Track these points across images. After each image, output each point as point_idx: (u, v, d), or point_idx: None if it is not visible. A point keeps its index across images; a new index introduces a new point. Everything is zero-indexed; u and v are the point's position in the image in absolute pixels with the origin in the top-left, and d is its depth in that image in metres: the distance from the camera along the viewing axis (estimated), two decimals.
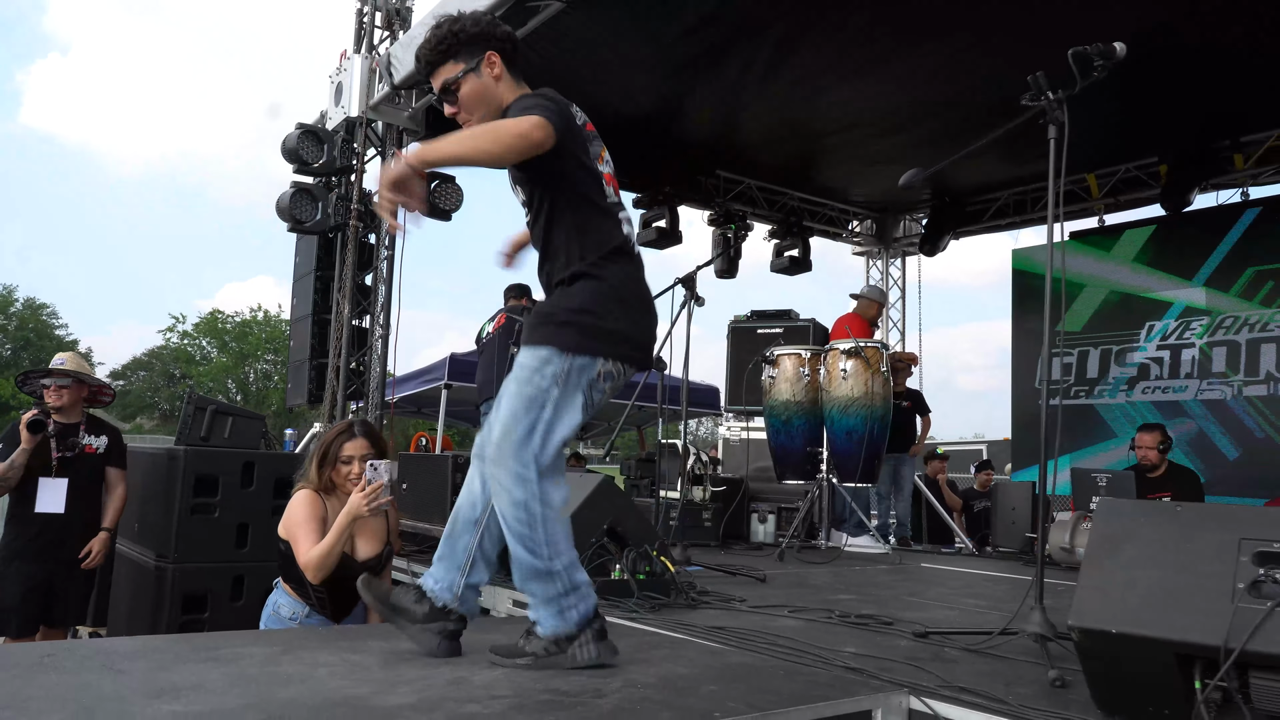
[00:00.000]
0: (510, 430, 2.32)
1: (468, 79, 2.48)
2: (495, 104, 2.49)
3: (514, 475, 2.29)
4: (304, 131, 7.29)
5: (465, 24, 2.49)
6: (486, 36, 2.50)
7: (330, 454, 3.32)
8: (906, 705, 2.21)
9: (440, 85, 2.51)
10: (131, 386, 57.82)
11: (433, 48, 2.49)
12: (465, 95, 2.49)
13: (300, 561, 3.16)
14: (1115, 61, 2.88)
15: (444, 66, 2.49)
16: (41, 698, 1.90)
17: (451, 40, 2.47)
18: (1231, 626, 1.80)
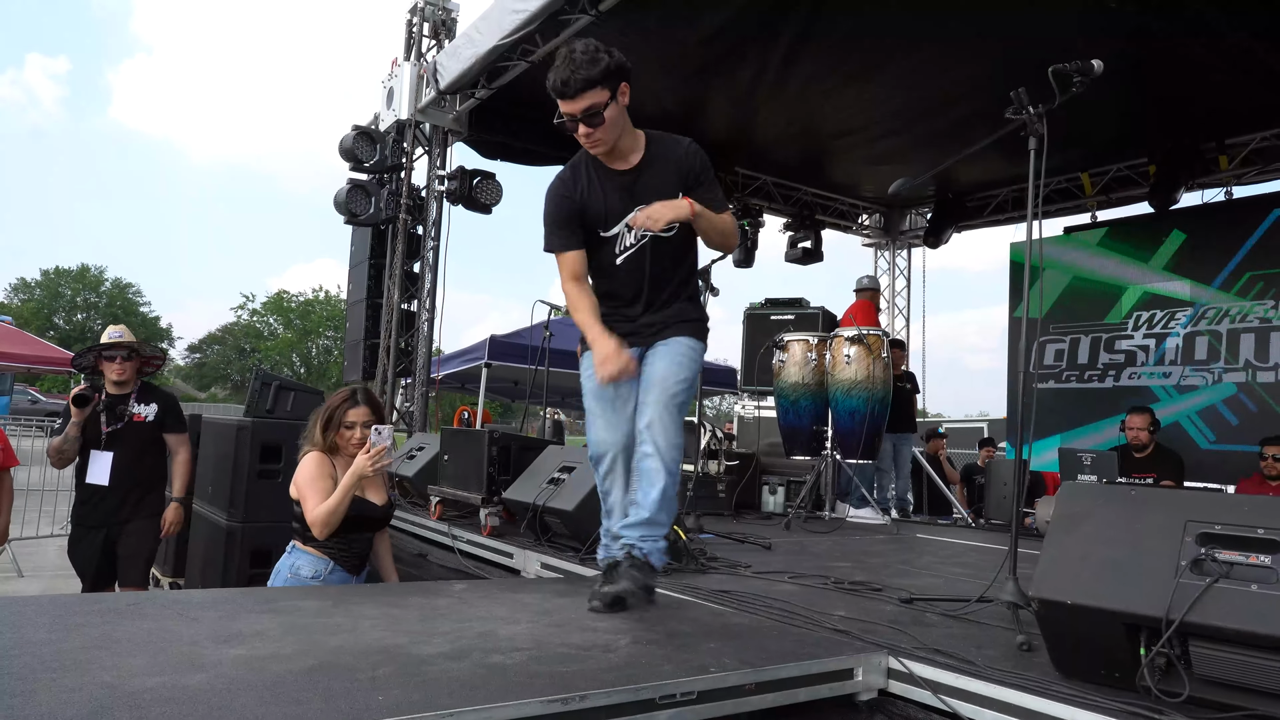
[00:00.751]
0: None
1: (611, 106, 2.56)
2: (621, 130, 2.65)
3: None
4: (359, 133, 7.39)
5: (610, 55, 2.56)
6: (623, 69, 2.59)
7: (334, 419, 3.30)
8: (885, 664, 2.28)
9: (585, 109, 2.54)
10: (206, 359, 58.84)
11: (585, 74, 2.51)
12: (609, 119, 2.57)
13: (309, 517, 3.14)
14: (1093, 77, 2.88)
15: (591, 92, 2.52)
16: (127, 640, 2.02)
17: (603, 69, 2.52)
18: (1173, 600, 1.84)
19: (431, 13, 7.67)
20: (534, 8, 5.69)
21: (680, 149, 2.70)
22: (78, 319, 56.28)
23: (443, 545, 4.53)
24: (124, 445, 4.50)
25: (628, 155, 2.69)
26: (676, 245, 2.77)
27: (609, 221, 2.74)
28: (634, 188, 2.69)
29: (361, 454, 3.15)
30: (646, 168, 2.69)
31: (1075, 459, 5.79)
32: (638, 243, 2.73)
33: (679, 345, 2.73)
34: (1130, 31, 5.69)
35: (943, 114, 7.20)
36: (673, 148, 2.71)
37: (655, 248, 2.74)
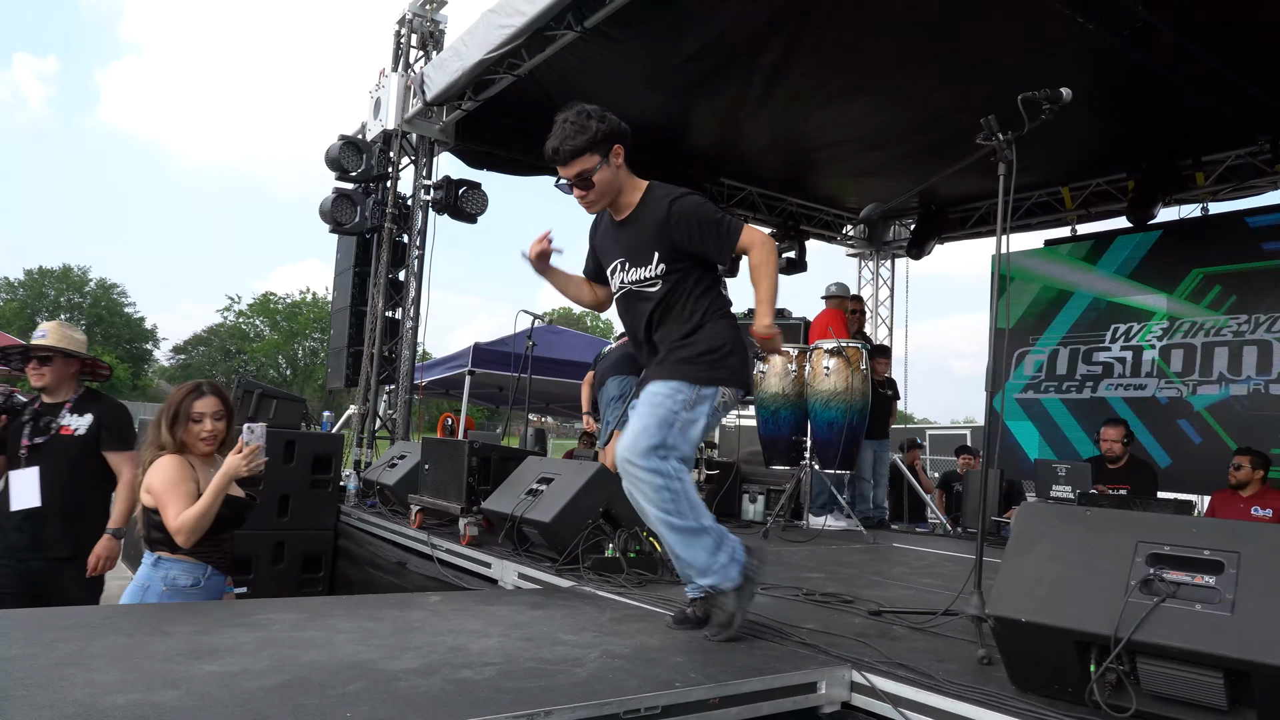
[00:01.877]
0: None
1: (601, 170, 2.69)
2: (617, 189, 2.76)
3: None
4: (345, 142, 7.42)
5: (601, 121, 2.67)
6: (615, 132, 2.70)
7: (182, 413, 3.08)
8: (849, 678, 2.33)
9: (576, 175, 2.69)
10: (192, 360, 58.46)
11: (573, 143, 2.64)
12: (599, 184, 2.70)
13: (173, 526, 2.90)
14: (1062, 105, 2.94)
15: (581, 159, 2.67)
16: (101, 656, 2.05)
17: (591, 136, 2.64)
18: (1122, 618, 1.90)
19: (419, 25, 7.70)
20: (520, 23, 5.73)
21: (663, 211, 2.71)
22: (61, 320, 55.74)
23: (422, 554, 4.55)
24: (47, 463, 3.71)
25: (625, 209, 2.81)
26: (661, 296, 2.77)
27: (604, 263, 2.92)
28: (623, 238, 2.83)
29: (234, 454, 2.99)
30: (633, 223, 2.80)
31: (1050, 470, 5.87)
32: (621, 288, 2.86)
33: (647, 393, 2.69)
34: (1107, 58, 5.79)
35: (924, 131, 7.30)
36: (658, 207, 2.73)
37: (630, 297, 2.84)
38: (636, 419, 2.64)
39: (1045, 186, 8.99)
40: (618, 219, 2.84)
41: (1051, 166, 8.37)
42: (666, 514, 2.55)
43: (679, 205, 2.70)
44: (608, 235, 2.90)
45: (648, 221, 2.74)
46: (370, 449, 7.66)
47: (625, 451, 2.58)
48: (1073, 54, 5.80)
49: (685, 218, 2.69)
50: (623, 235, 2.82)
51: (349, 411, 7.88)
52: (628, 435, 2.61)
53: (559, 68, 6.38)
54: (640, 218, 2.77)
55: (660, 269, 2.73)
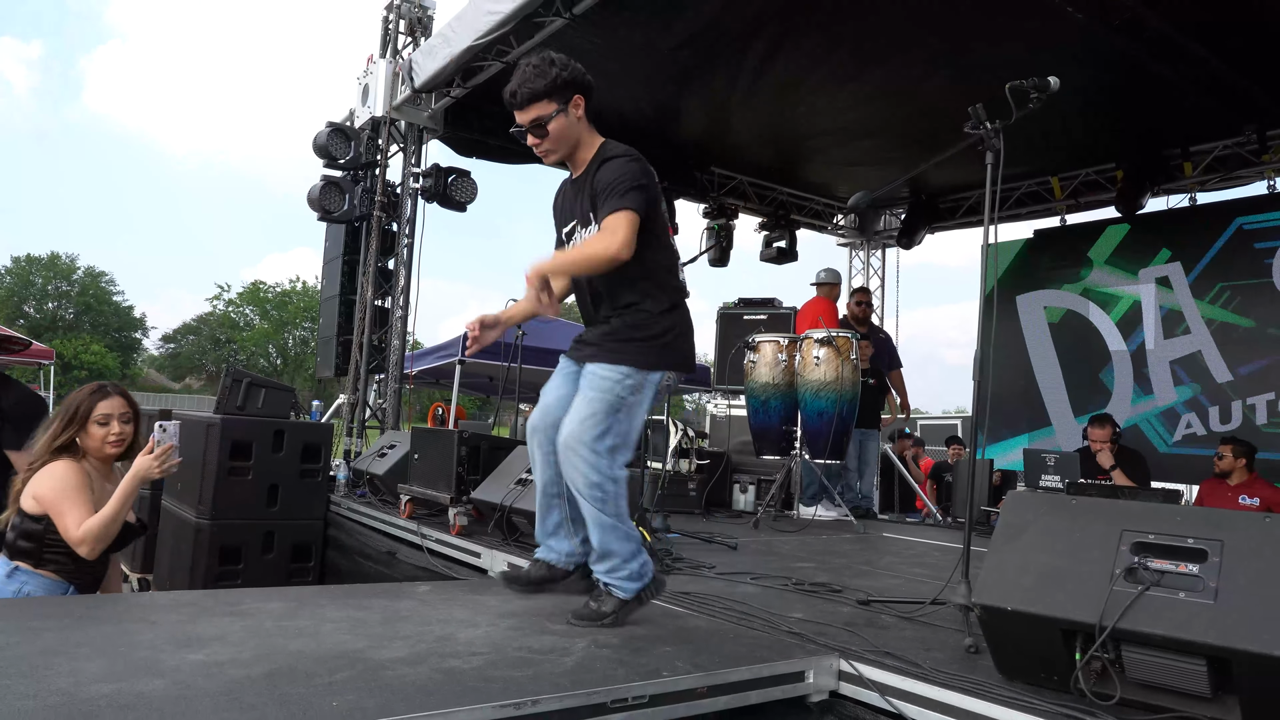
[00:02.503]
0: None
1: (558, 118, 2.60)
2: (574, 141, 2.68)
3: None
4: (333, 130, 7.37)
5: (563, 68, 2.60)
6: (577, 81, 2.62)
7: (80, 414, 2.88)
8: (836, 667, 2.34)
9: (531, 120, 2.60)
10: (181, 349, 58.18)
11: (531, 86, 2.57)
12: (554, 131, 2.61)
13: (75, 535, 2.73)
14: (1050, 94, 2.94)
15: (538, 104, 2.58)
16: (86, 644, 2.04)
17: (550, 81, 2.57)
18: (1107, 607, 1.91)
19: (408, 10, 7.64)
20: (508, 9, 5.69)
21: (601, 170, 2.61)
22: (49, 308, 55.42)
23: (412, 544, 4.55)
24: None
25: (579, 165, 2.74)
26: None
27: (559, 227, 2.86)
28: (573, 199, 2.77)
29: (144, 454, 2.83)
30: (583, 183, 2.71)
31: (1039, 460, 5.90)
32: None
33: (591, 376, 2.63)
34: (1096, 48, 5.79)
35: (914, 121, 7.29)
36: (600, 166, 2.64)
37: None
38: (583, 402, 2.60)
39: (1035, 176, 9.00)
40: (574, 176, 2.77)
41: (1041, 156, 8.37)
42: (598, 507, 2.57)
43: (605, 169, 2.60)
44: (564, 198, 2.83)
45: (594, 179, 2.65)
46: (360, 438, 7.64)
47: (570, 438, 2.56)
48: (1062, 44, 5.79)
49: (608, 177, 2.58)
50: (576, 194, 2.75)
51: (339, 401, 7.85)
52: (574, 418, 2.58)
53: None
54: (589, 175, 2.68)
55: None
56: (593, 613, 2.56)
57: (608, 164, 2.62)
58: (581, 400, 2.60)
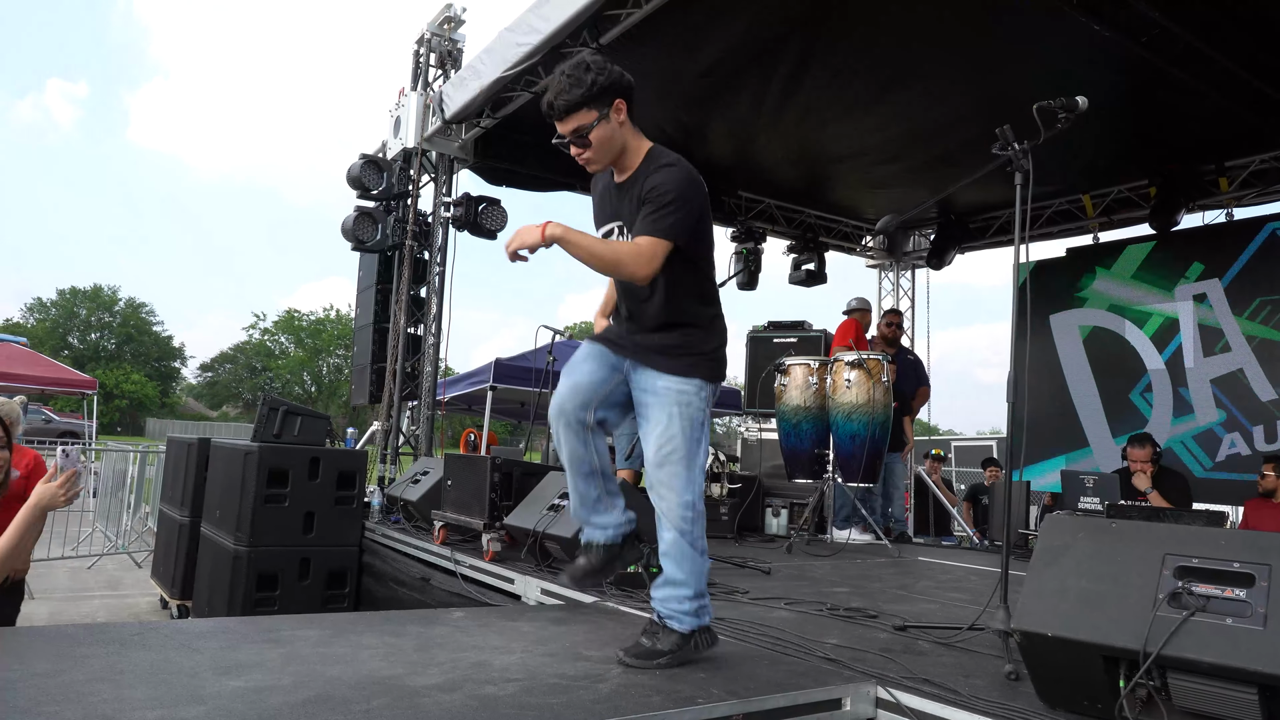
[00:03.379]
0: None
1: (600, 126, 2.48)
2: (619, 148, 2.54)
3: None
4: (366, 161, 7.51)
5: (600, 73, 2.46)
6: (616, 85, 2.49)
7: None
8: (873, 694, 2.30)
9: (573, 130, 2.48)
10: (218, 378, 59.24)
11: (568, 97, 2.45)
12: (597, 140, 2.49)
13: None
14: (1078, 114, 2.93)
15: (579, 113, 2.46)
16: (129, 671, 2.07)
17: (589, 89, 2.44)
18: (1150, 632, 1.87)
19: (438, 44, 7.80)
20: (537, 41, 5.79)
21: (650, 177, 2.51)
22: (91, 338, 56.78)
23: (446, 570, 4.57)
24: None
25: (626, 169, 2.62)
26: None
27: (598, 223, 2.76)
28: (617, 203, 2.67)
29: (45, 481, 2.61)
30: (630, 187, 2.61)
31: (1077, 481, 5.80)
32: None
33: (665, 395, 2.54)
34: (1124, 64, 5.75)
35: (940, 141, 7.27)
36: (649, 173, 2.53)
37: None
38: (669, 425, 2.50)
39: (1066, 194, 8.92)
40: (619, 179, 2.62)
41: (1071, 174, 8.31)
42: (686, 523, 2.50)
43: (656, 176, 2.50)
44: (606, 197, 2.72)
45: (642, 185, 2.52)
46: (394, 465, 7.71)
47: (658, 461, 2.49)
48: (1089, 60, 5.76)
49: (654, 188, 2.48)
50: (620, 198, 2.64)
51: (373, 428, 7.94)
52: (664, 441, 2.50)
53: None
54: (637, 180, 2.57)
55: None
56: (648, 651, 2.43)
57: (658, 175, 2.49)
58: (657, 432, 2.53)
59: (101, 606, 7.24)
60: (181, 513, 6.52)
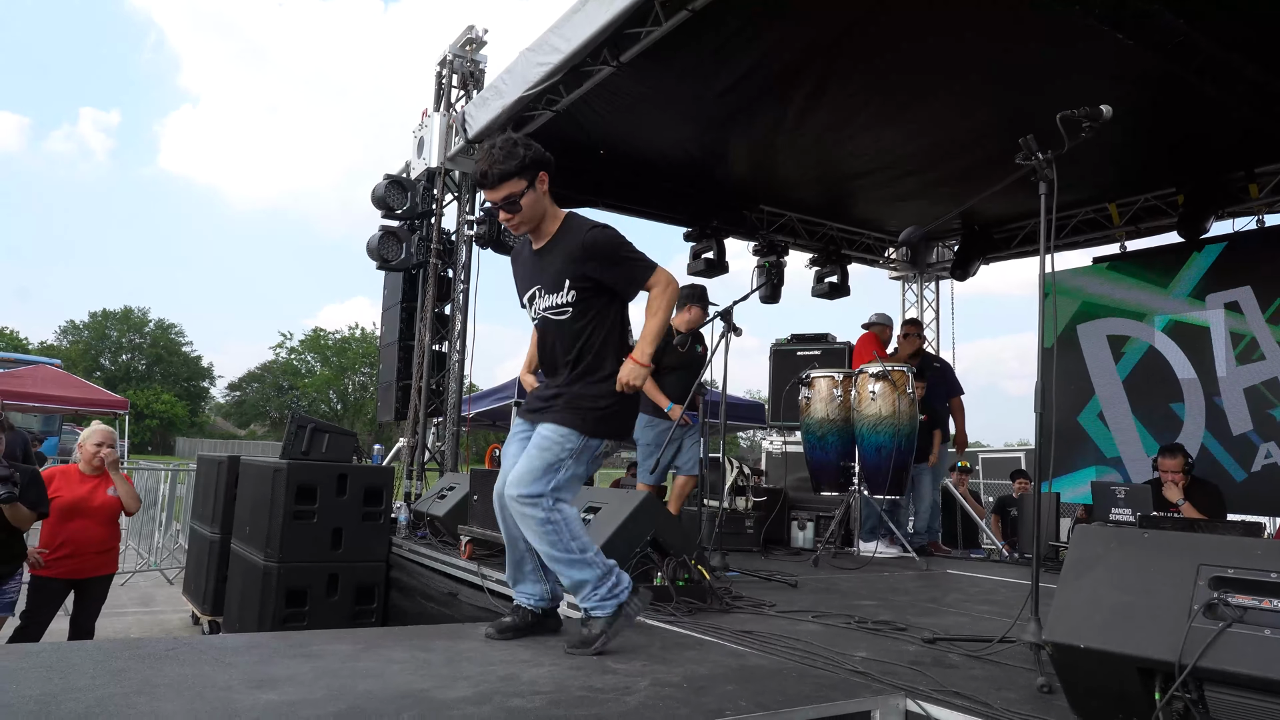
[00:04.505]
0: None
1: (528, 194, 2.82)
2: (541, 214, 2.89)
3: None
4: (391, 182, 7.61)
5: (527, 149, 2.81)
6: (541, 160, 2.84)
7: None
8: (903, 707, 2.29)
9: (504, 198, 2.80)
10: (246, 397, 59.89)
11: (502, 167, 2.77)
12: (525, 206, 2.83)
13: None
14: (1102, 123, 2.92)
15: (509, 183, 2.78)
16: (165, 685, 2.10)
17: (520, 162, 2.77)
18: (1186, 644, 1.84)
19: (460, 65, 7.90)
20: (557, 60, 5.85)
21: (579, 238, 2.83)
22: (123, 359, 57.69)
23: (473, 585, 4.58)
24: None
25: (544, 235, 2.94)
26: (568, 325, 2.88)
27: (521, 291, 3.04)
28: (539, 264, 2.95)
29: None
30: (550, 250, 2.92)
31: (1109, 492, 5.72)
32: (537, 316, 2.97)
33: (539, 435, 2.82)
34: (1147, 73, 5.70)
35: (962, 155, 7.24)
36: (573, 238, 2.85)
37: (545, 323, 2.93)
38: (525, 458, 2.79)
39: (1091, 203, 8.83)
40: (536, 246, 2.96)
41: (1097, 183, 8.23)
42: (550, 545, 2.72)
43: (593, 235, 2.83)
44: (526, 263, 3.02)
45: (564, 248, 2.86)
46: (420, 481, 7.75)
47: (510, 488, 2.75)
48: (1111, 70, 5.72)
49: (598, 248, 2.82)
50: (541, 262, 2.94)
51: (399, 444, 7.99)
52: (516, 469, 2.78)
53: (596, 104, 6.48)
54: (558, 244, 2.90)
55: (571, 295, 2.84)
56: (583, 639, 2.70)
57: (594, 232, 2.84)
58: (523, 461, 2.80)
59: (135, 622, 7.33)
60: (212, 530, 6.60)
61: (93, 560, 4.94)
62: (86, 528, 4.86)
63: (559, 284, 2.85)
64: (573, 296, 2.84)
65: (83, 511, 4.86)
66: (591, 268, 2.82)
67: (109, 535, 5.09)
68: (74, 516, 4.82)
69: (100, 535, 4.98)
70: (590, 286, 2.83)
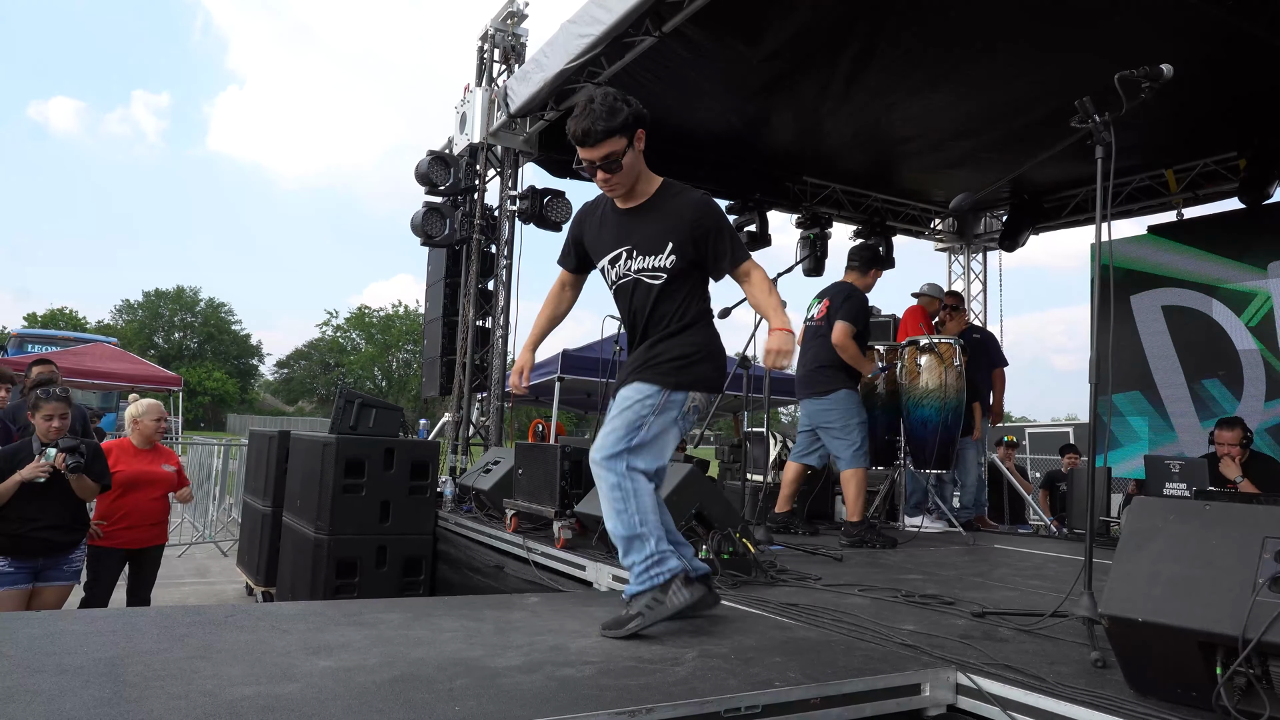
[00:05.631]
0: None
1: (629, 153, 2.70)
2: (636, 175, 2.78)
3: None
4: (434, 158, 7.64)
5: (628, 105, 2.68)
6: (641, 117, 2.72)
7: None
8: (954, 680, 2.27)
9: (604, 156, 2.68)
10: (294, 374, 61.12)
11: (606, 124, 2.63)
12: (626, 166, 2.71)
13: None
14: (1163, 82, 2.81)
15: (611, 140, 2.65)
16: (226, 650, 2.17)
17: (622, 119, 2.64)
18: (1250, 618, 1.80)
19: (501, 39, 7.88)
20: (599, 32, 5.80)
21: (691, 206, 2.76)
22: (175, 338, 59.18)
23: (518, 557, 4.64)
24: None
25: (637, 198, 2.83)
26: (663, 287, 2.80)
27: (600, 252, 2.93)
28: (628, 227, 2.84)
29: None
30: (646, 212, 2.81)
31: (1163, 467, 5.58)
32: (621, 278, 2.87)
33: (620, 397, 2.77)
34: (1208, 30, 5.48)
35: (1012, 119, 7.04)
36: (682, 201, 2.77)
37: (633, 286, 2.84)
38: (608, 423, 2.76)
39: (1147, 170, 8.56)
40: (625, 206, 2.85)
41: (1153, 148, 7.97)
42: (614, 513, 2.66)
43: (707, 206, 2.78)
44: (610, 223, 2.89)
45: (668, 212, 2.77)
46: (465, 455, 7.85)
47: (594, 451, 2.71)
48: (1171, 27, 5.50)
49: (712, 217, 2.77)
50: (633, 222, 2.82)
51: (444, 419, 8.10)
52: (601, 434, 2.74)
53: (638, 75, 6.42)
54: (658, 207, 2.80)
55: (670, 260, 2.75)
56: (618, 620, 2.59)
57: (706, 203, 2.78)
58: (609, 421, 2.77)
59: (192, 592, 7.57)
60: (264, 503, 6.76)
61: (148, 531, 5.11)
62: (143, 500, 5.02)
63: (659, 246, 2.75)
64: (672, 262, 2.74)
65: (140, 484, 5.01)
66: (700, 234, 2.74)
67: (162, 508, 5.26)
68: (132, 489, 4.97)
69: (155, 508, 5.15)
70: (690, 253, 2.74)
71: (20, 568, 4.26)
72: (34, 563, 4.29)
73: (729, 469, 6.97)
